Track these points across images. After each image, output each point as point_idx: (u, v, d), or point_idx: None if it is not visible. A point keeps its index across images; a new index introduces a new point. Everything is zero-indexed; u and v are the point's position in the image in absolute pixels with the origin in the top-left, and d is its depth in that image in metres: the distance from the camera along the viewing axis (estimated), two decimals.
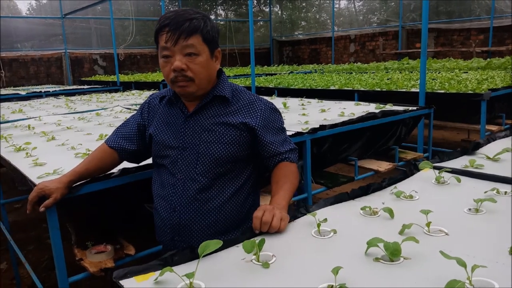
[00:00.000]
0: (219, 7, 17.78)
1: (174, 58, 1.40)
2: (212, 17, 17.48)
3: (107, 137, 1.68)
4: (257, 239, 1.08)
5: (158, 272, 0.97)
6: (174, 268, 1.03)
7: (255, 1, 17.30)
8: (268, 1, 16.83)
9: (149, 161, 1.73)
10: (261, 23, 17.74)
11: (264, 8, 17.57)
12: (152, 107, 1.64)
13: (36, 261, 3.50)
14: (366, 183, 1.60)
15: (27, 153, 2.26)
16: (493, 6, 10.36)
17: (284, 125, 1.63)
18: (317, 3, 16.43)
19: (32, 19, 13.47)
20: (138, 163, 1.75)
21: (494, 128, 3.94)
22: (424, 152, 3.48)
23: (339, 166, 3.12)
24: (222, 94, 1.51)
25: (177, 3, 15.30)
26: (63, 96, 6.61)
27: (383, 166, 2.80)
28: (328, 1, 15.62)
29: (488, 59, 7.91)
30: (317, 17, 16.70)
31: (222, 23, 17.03)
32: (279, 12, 17.63)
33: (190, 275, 0.92)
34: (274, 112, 1.58)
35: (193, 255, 1.06)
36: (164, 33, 1.40)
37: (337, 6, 15.48)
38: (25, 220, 4.41)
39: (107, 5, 9.06)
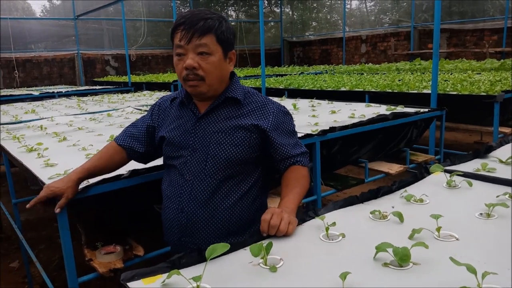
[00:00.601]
0: (230, 8, 17.81)
1: (187, 56, 1.41)
2: None
3: (117, 135, 1.70)
4: (265, 243, 1.08)
5: (165, 275, 0.97)
6: (182, 270, 1.03)
7: (266, 2, 17.30)
8: (279, 2, 16.82)
9: (159, 162, 1.74)
10: (272, 23, 17.73)
11: (275, 9, 17.55)
12: (162, 109, 1.65)
13: (47, 260, 3.54)
14: (376, 185, 1.59)
15: (38, 154, 2.29)
16: (508, 6, 10.21)
17: (295, 128, 1.63)
18: (328, 3, 16.36)
19: (46, 20, 13.65)
20: (145, 163, 1.76)
21: (507, 130, 3.88)
22: (436, 154, 3.45)
23: (349, 168, 3.10)
24: (234, 96, 1.51)
25: (188, 4, 15.36)
26: (75, 96, 6.68)
27: (393, 168, 2.77)
28: (339, 2, 15.55)
29: (502, 60, 7.80)
30: (328, 17, 16.63)
31: (233, 24, 17.07)
32: (290, 12, 17.60)
33: (197, 278, 0.92)
34: (286, 115, 1.58)
35: (201, 258, 1.06)
36: (179, 31, 1.42)
37: (348, 6, 15.40)
38: (37, 219, 4.46)
39: (119, 6, 9.14)
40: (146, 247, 1.87)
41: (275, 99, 4.80)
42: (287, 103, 4.32)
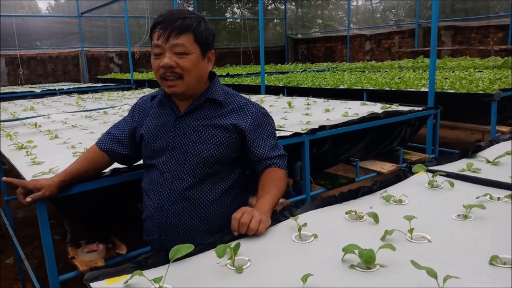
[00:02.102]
0: (235, 5, 17.76)
1: (164, 55, 1.41)
2: (228, 15, 17.56)
3: (99, 139, 1.69)
4: (233, 244, 1.07)
5: (130, 275, 0.97)
6: (148, 271, 1.03)
7: None
8: None
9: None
10: (277, 21, 17.67)
11: (279, 6, 17.49)
12: (143, 108, 1.64)
13: (41, 256, 3.53)
14: (368, 184, 1.57)
15: (27, 152, 2.29)
16: None
17: (275, 131, 1.63)
18: (333, 1, 16.27)
19: (50, 18, 13.69)
20: (130, 165, 1.76)
21: (505, 129, 3.83)
22: (433, 153, 3.41)
23: (343, 167, 3.09)
24: (215, 97, 1.52)
25: (192, 1, 15.35)
26: (76, 94, 6.70)
27: (386, 167, 2.75)
28: None
29: (506, 58, 7.71)
30: (333, 14, 16.53)
31: (237, 21, 17.03)
32: (295, 9, 17.52)
33: (157, 279, 0.91)
34: (265, 117, 1.57)
35: (168, 258, 1.05)
36: (156, 31, 1.42)
37: (354, 4, 15.30)
38: (34, 216, 4.47)
39: (123, 4, 9.14)
40: (131, 246, 1.87)
41: (273, 97, 4.80)
42: (282, 101, 4.30)
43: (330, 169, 2.91)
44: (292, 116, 3.15)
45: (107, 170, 1.72)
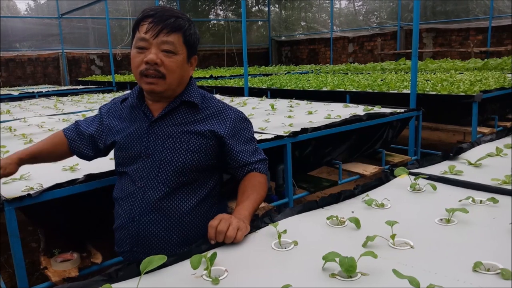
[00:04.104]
0: (218, 7, 17.70)
1: (150, 51, 1.34)
2: (212, 17, 17.48)
3: (67, 127, 1.62)
4: (209, 253, 1.02)
5: None
6: (119, 284, 0.98)
7: (254, 1, 17.23)
8: (266, 1, 16.76)
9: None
10: (260, 23, 17.67)
11: (263, 8, 17.49)
12: (112, 111, 1.57)
13: None
14: (351, 187, 1.54)
15: None
16: (492, 6, 10.28)
17: (254, 134, 1.57)
18: (316, 3, 16.34)
19: (30, 19, 13.42)
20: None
21: (486, 130, 3.86)
22: (415, 154, 3.42)
23: (326, 169, 3.07)
24: (191, 100, 1.45)
25: (175, 3, 15.23)
26: (55, 96, 6.55)
27: (368, 169, 2.73)
28: (327, 1, 15.54)
29: (486, 60, 7.83)
30: (317, 17, 16.61)
31: (221, 23, 16.97)
32: (279, 11, 17.55)
33: None
34: (244, 121, 1.52)
35: (140, 270, 1.00)
36: (145, 24, 1.35)
37: (337, 6, 15.40)
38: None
39: (104, 5, 9.01)
40: (107, 254, 1.80)
41: (256, 99, 4.76)
42: (265, 104, 4.27)
43: (313, 172, 2.88)
44: (275, 118, 3.12)
45: (80, 176, 1.65)
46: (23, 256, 3.50)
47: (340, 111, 3.29)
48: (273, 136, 2.29)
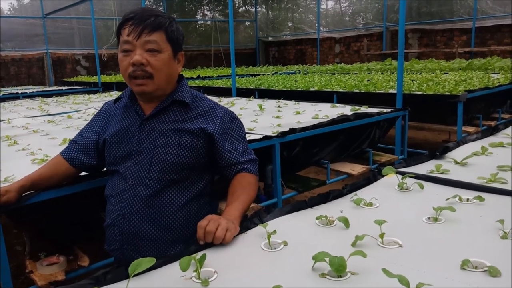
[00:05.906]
0: (205, 8, 17.65)
1: (135, 52, 1.36)
2: (198, 17, 17.41)
3: (63, 149, 1.61)
4: (198, 255, 1.01)
5: None
6: (107, 287, 0.96)
7: (241, 1, 17.23)
8: (253, 2, 16.77)
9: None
10: (247, 23, 17.66)
11: (250, 8, 17.49)
12: (107, 113, 1.59)
13: None
14: (339, 186, 1.54)
15: None
16: (475, 7, 10.45)
17: (245, 135, 1.58)
18: (303, 3, 16.41)
19: (13, 19, 13.20)
20: (95, 171, 1.68)
21: (471, 129, 3.92)
22: (402, 154, 3.45)
23: (315, 169, 3.07)
24: (182, 99, 1.47)
25: (161, 3, 15.14)
26: (40, 97, 6.46)
27: (356, 169, 2.75)
28: (314, 2, 15.62)
29: (470, 60, 7.95)
30: (303, 17, 16.68)
31: (208, 23, 16.92)
32: (266, 12, 17.57)
33: None
34: (234, 121, 1.53)
35: (128, 273, 0.99)
36: (127, 27, 1.37)
37: (323, 7, 15.49)
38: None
39: (89, 5, 8.91)
40: (94, 257, 1.78)
41: (244, 100, 4.76)
42: (253, 104, 4.26)
43: (302, 172, 2.89)
44: (263, 118, 3.12)
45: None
46: (8, 260, 3.45)
47: (328, 111, 3.30)
48: (261, 136, 2.29)
